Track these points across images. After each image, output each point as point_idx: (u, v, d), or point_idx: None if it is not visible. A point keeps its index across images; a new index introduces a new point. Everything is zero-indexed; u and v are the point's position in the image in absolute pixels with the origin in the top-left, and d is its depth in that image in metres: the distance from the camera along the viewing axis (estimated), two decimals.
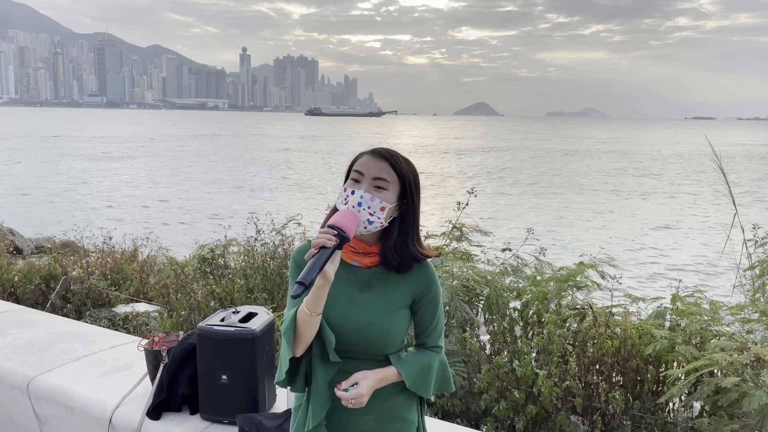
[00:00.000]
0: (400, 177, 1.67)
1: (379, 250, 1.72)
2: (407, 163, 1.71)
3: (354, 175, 1.67)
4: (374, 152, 1.68)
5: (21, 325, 4.17)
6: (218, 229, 5.86)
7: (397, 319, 1.72)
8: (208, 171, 34.88)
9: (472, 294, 4.09)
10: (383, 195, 1.65)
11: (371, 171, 1.65)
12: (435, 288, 1.77)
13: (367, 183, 1.64)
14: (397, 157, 1.69)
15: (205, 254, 5.44)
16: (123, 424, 2.92)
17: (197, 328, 2.83)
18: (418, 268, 1.75)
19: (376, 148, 1.70)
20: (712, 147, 4.62)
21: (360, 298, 1.71)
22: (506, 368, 3.56)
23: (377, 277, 1.73)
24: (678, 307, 3.61)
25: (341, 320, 1.68)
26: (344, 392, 1.62)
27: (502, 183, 30.86)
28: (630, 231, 18.52)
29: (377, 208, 1.63)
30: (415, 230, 1.74)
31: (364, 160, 1.67)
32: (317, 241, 1.52)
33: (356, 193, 1.63)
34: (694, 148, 60.50)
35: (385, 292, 1.73)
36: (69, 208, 21.08)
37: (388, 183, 1.65)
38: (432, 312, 1.78)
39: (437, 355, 1.81)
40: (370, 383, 1.65)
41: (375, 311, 1.70)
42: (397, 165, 1.67)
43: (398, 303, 1.73)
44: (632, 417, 3.34)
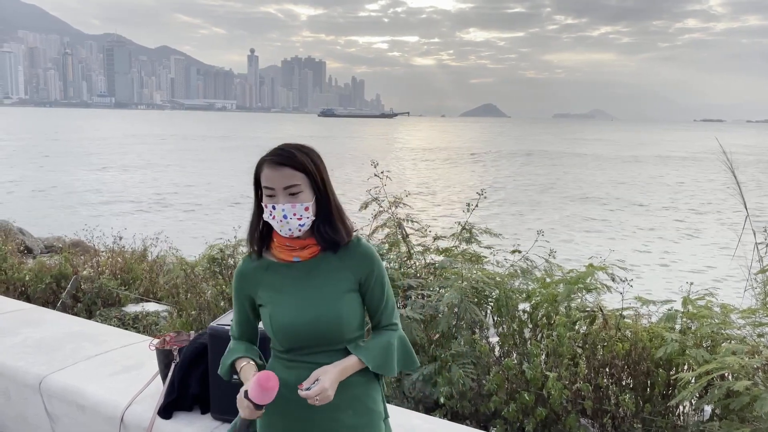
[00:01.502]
0: (305, 173, 1.71)
1: (314, 239, 1.77)
2: (307, 154, 1.73)
3: (266, 191, 1.71)
4: (272, 162, 1.70)
5: (32, 324, 4.19)
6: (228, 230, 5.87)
7: (346, 303, 1.75)
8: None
9: (481, 296, 4.09)
10: (301, 197, 1.69)
11: (278, 182, 1.68)
12: (377, 264, 1.81)
13: (281, 195, 1.69)
14: (296, 157, 1.70)
15: (215, 254, 5.46)
16: (134, 423, 2.93)
17: (208, 328, 2.84)
18: (354, 248, 1.80)
19: (273, 154, 1.71)
20: (723, 149, 4.60)
21: (305, 292, 1.75)
22: (516, 370, 3.56)
23: (318, 266, 1.78)
24: (689, 310, 3.60)
25: (292, 318, 1.72)
26: (307, 391, 1.64)
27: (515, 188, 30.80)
28: (640, 233, 18.44)
29: (302, 211, 1.69)
30: (336, 211, 1.78)
31: (267, 173, 1.70)
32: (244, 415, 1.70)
33: (277, 207, 1.68)
34: (704, 151, 60.17)
35: (328, 279, 1.76)
36: (78, 207, 21.20)
37: (299, 185, 1.70)
38: (379, 289, 1.81)
39: (395, 332, 1.84)
40: (331, 376, 1.68)
41: (323, 300, 1.74)
42: (298, 165, 1.70)
43: (344, 287, 1.77)
44: (642, 420, 3.33)
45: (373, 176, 4.78)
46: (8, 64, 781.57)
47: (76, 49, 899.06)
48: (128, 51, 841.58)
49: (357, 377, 1.78)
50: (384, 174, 4.76)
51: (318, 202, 1.74)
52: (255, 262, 1.82)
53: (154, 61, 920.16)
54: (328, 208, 1.76)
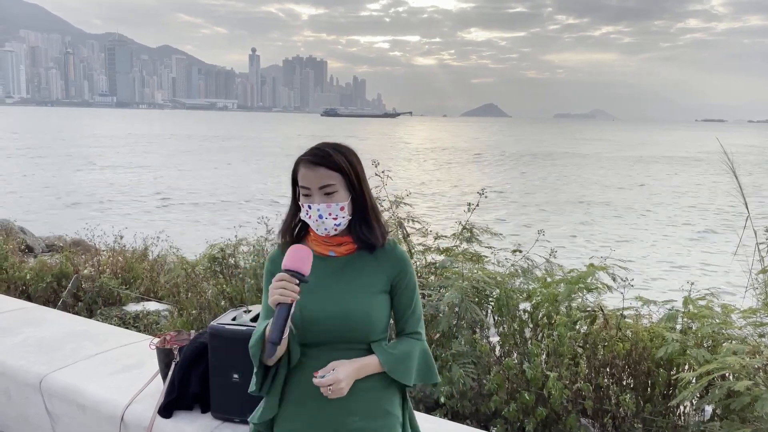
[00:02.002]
0: (341, 172, 1.70)
1: (351, 237, 1.77)
2: (343, 154, 1.72)
3: (303, 190, 1.72)
4: (309, 161, 1.70)
5: (33, 323, 4.20)
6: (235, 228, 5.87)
7: (376, 303, 1.75)
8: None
9: (482, 295, 4.09)
10: (336, 197, 1.70)
11: (314, 182, 1.69)
12: (410, 270, 1.82)
13: (317, 194, 1.69)
14: (332, 157, 1.70)
15: (215, 254, 5.45)
16: (135, 422, 2.93)
17: (209, 327, 2.84)
18: (391, 251, 1.80)
19: (309, 154, 1.72)
20: (724, 149, 4.59)
21: (338, 286, 1.74)
22: (516, 370, 3.55)
23: (353, 263, 1.78)
24: (690, 310, 3.59)
25: (321, 310, 1.71)
26: (321, 379, 1.63)
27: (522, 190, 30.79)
28: (641, 233, 18.43)
29: (337, 211, 1.70)
30: (372, 213, 1.78)
31: (303, 172, 1.71)
32: (274, 297, 1.56)
33: (312, 207, 1.69)
34: (706, 151, 60.10)
35: (361, 278, 1.76)
36: (78, 207, 21.22)
37: (335, 185, 1.70)
38: (409, 294, 1.81)
39: (418, 342, 1.83)
40: (347, 369, 1.67)
41: (353, 297, 1.73)
42: (334, 165, 1.70)
43: (376, 287, 1.77)
44: (643, 420, 3.33)
45: (373, 175, 4.78)
46: (10, 64, 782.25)
47: (78, 49, 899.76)
48: (130, 50, 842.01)
49: (376, 382, 1.76)
50: (384, 173, 4.76)
51: (354, 202, 1.74)
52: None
53: (156, 61, 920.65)
54: (365, 209, 1.76)
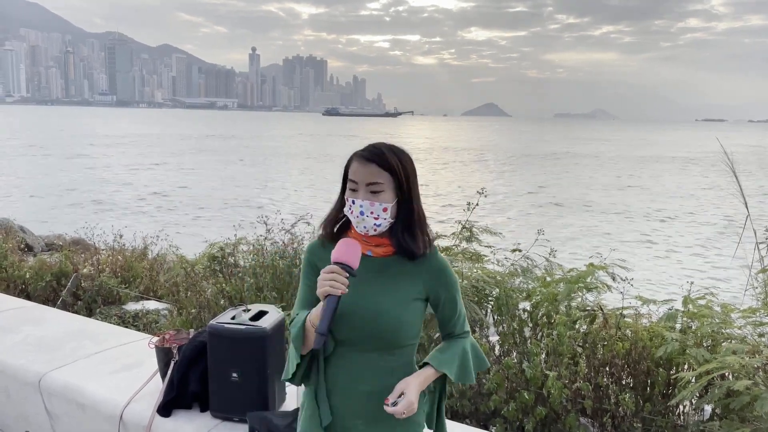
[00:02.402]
0: (392, 174, 1.68)
1: (390, 241, 1.74)
2: (397, 155, 1.70)
3: (350, 184, 1.70)
4: (362, 156, 1.69)
5: (33, 322, 4.19)
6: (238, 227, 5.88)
7: (409, 309, 1.72)
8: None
9: (481, 294, 4.09)
10: (381, 197, 1.67)
11: (363, 177, 1.67)
12: (450, 279, 1.78)
13: (363, 190, 1.67)
14: (385, 156, 1.68)
15: (215, 253, 5.46)
16: (134, 421, 2.93)
17: (208, 326, 2.84)
18: (431, 260, 1.76)
19: (364, 150, 1.71)
20: (724, 149, 4.59)
21: (372, 286, 1.71)
22: (515, 369, 3.55)
23: (390, 266, 1.75)
24: (689, 309, 3.59)
25: (353, 307, 1.68)
26: (394, 407, 1.62)
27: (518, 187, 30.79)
28: (641, 232, 18.43)
29: (380, 211, 1.67)
30: (416, 221, 1.74)
31: (355, 166, 1.69)
32: (323, 289, 1.56)
33: (356, 203, 1.67)
34: (706, 150, 60.10)
35: (397, 281, 1.73)
36: (78, 206, 21.21)
37: (382, 184, 1.67)
38: (452, 303, 1.79)
39: (467, 339, 1.84)
40: (414, 389, 1.66)
41: (387, 299, 1.70)
42: (386, 164, 1.68)
43: (411, 293, 1.74)
44: (642, 419, 3.32)
45: None
46: (10, 62, 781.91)
47: (78, 48, 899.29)
48: (130, 49, 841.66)
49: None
50: None
51: (399, 206, 1.71)
52: (328, 245, 1.77)
53: (156, 60, 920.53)
54: (410, 215, 1.73)
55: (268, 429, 2.61)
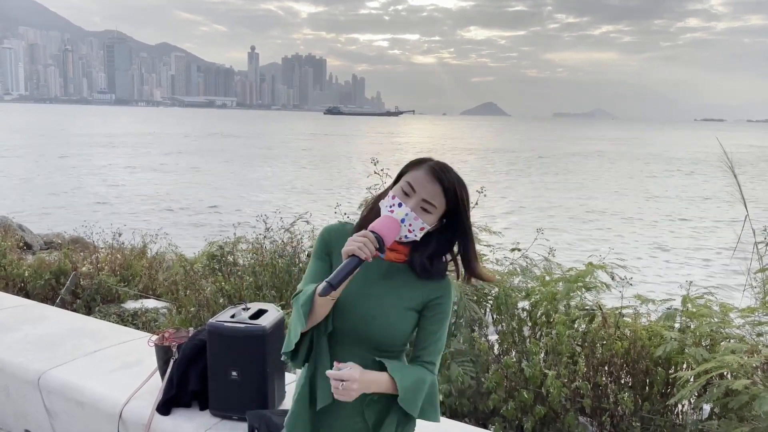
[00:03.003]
0: (449, 203, 1.66)
1: (407, 251, 1.72)
2: (463, 188, 1.68)
3: (405, 187, 1.66)
4: (432, 170, 1.65)
5: (32, 320, 4.19)
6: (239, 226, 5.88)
7: (405, 317, 1.72)
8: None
9: (480, 294, 4.09)
10: (427, 217, 1.65)
11: (423, 191, 1.63)
12: (448, 301, 1.76)
13: (416, 201, 1.63)
14: (453, 183, 1.66)
15: (214, 251, 5.46)
16: (133, 420, 2.93)
17: (207, 325, 2.84)
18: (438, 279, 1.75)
19: (436, 165, 1.67)
20: (723, 149, 4.60)
21: (375, 287, 1.72)
22: (515, 368, 3.56)
23: (397, 272, 1.74)
24: (688, 308, 3.60)
25: (351, 305, 1.68)
26: (337, 371, 1.57)
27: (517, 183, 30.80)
28: (640, 232, 18.45)
29: (417, 228, 1.64)
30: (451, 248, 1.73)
31: (420, 175, 1.65)
32: (351, 247, 1.53)
33: (403, 207, 1.63)
34: (706, 150, 60.15)
35: (400, 289, 1.73)
36: (77, 205, 21.19)
37: (436, 208, 1.65)
38: (438, 324, 1.75)
39: (430, 374, 1.74)
40: (365, 376, 1.61)
41: (386, 304, 1.71)
42: (449, 192, 1.65)
43: (410, 303, 1.73)
44: (641, 419, 3.33)
45: (372, 174, 4.78)
46: (9, 61, 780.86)
47: (77, 46, 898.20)
48: (129, 48, 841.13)
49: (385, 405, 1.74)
50: (383, 172, 4.75)
51: (438, 232, 1.70)
52: (350, 232, 1.75)
53: (155, 58, 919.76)
54: (445, 244, 1.72)
55: (267, 427, 2.61)
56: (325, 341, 1.70)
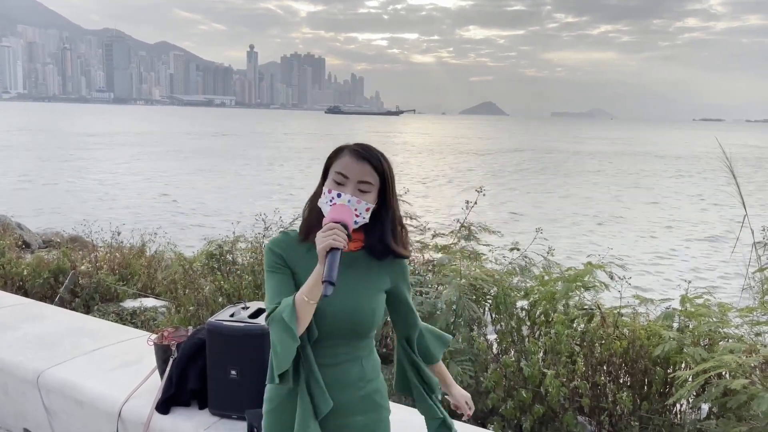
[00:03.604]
0: (381, 177, 1.72)
1: (363, 237, 1.77)
2: (385, 160, 1.74)
3: (337, 177, 1.69)
4: (357, 153, 1.70)
5: (31, 319, 4.19)
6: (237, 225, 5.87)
7: (379, 300, 1.79)
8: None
9: (479, 293, 4.09)
10: (368, 197, 1.70)
11: (355, 174, 1.68)
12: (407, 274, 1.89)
13: (352, 186, 1.68)
14: (378, 158, 1.72)
15: (213, 250, 5.45)
16: (132, 418, 2.93)
17: (207, 323, 2.84)
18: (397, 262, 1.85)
19: (357, 147, 1.72)
20: (723, 149, 4.61)
21: (345, 281, 1.72)
22: (513, 368, 3.56)
23: (359, 260, 1.78)
24: (687, 308, 3.60)
25: (328, 305, 1.69)
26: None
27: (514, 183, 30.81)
28: (639, 232, 18.47)
29: (363, 210, 1.69)
30: (396, 226, 1.79)
31: (347, 161, 1.70)
32: (330, 242, 1.55)
33: (343, 196, 1.67)
34: (704, 150, 60.20)
35: (367, 275, 1.79)
36: (75, 204, 21.17)
37: (371, 185, 1.70)
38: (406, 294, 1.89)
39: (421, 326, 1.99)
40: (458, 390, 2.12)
41: (360, 293, 1.75)
42: (378, 166, 1.71)
43: (379, 286, 1.80)
44: (640, 418, 3.34)
45: None
46: (7, 59, 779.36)
47: (75, 44, 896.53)
48: (127, 46, 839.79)
49: (374, 376, 1.83)
50: None
51: (378, 210, 1.74)
52: (293, 240, 1.78)
53: (153, 57, 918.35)
54: (387, 221, 1.77)
55: None
56: (310, 349, 1.72)
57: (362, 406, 1.80)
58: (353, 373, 1.78)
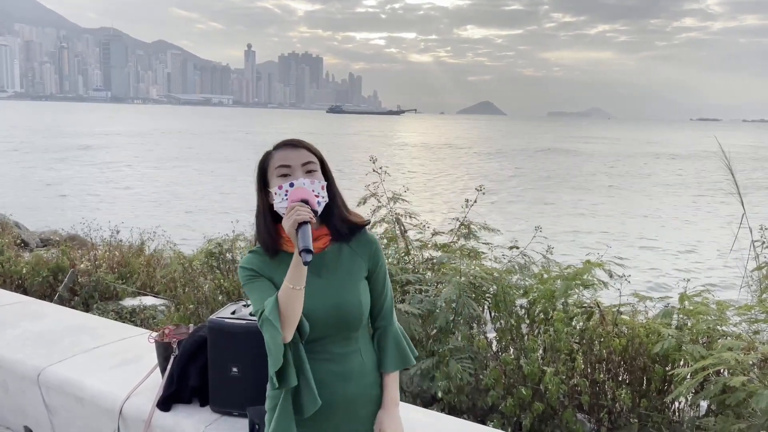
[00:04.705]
0: (318, 157, 1.77)
1: (326, 229, 1.79)
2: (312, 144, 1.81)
3: (280, 171, 1.71)
4: (288, 144, 1.76)
5: (31, 317, 4.19)
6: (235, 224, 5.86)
7: (362, 290, 1.81)
8: None
9: (479, 291, 4.10)
10: (317, 176, 1.73)
11: (297, 160, 1.72)
12: (380, 252, 1.87)
13: (299, 170, 1.71)
14: (307, 143, 1.78)
15: (213, 249, 5.45)
16: (133, 416, 2.93)
17: (208, 321, 2.85)
18: (364, 237, 1.85)
19: (283, 141, 1.78)
20: (721, 147, 4.62)
21: (323, 281, 1.75)
22: (513, 365, 3.57)
23: (331, 256, 1.80)
24: (686, 306, 3.62)
25: (314, 307, 1.71)
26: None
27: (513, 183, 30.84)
28: (638, 231, 18.49)
29: (319, 189, 1.71)
30: (343, 200, 1.84)
31: (283, 154, 1.74)
32: (297, 217, 1.57)
33: (296, 183, 1.67)
34: (701, 149, 60.30)
35: (344, 269, 1.80)
36: (74, 203, 21.14)
37: (314, 163, 1.74)
38: (383, 277, 1.87)
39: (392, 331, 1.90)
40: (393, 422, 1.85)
41: (342, 289, 1.77)
42: (311, 148, 1.77)
43: (358, 275, 1.81)
44: (639, 415, 3.35)
45: (371, 172, 4.78)
46: (4, 58, 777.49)
47: (73, 43, 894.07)
48: (125, 45, 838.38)
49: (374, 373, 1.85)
50: (382, 169, 4.77)
51: (328, 189, 1.76)
52: (263, 257, 1.77)
53: (151, 56, 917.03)
54: (337, 198, 1.81)
55: None
56: (302, 350, 1.72)
57: (366, 397, 1.82)
58: (354, 366, 1.80)
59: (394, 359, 1.87)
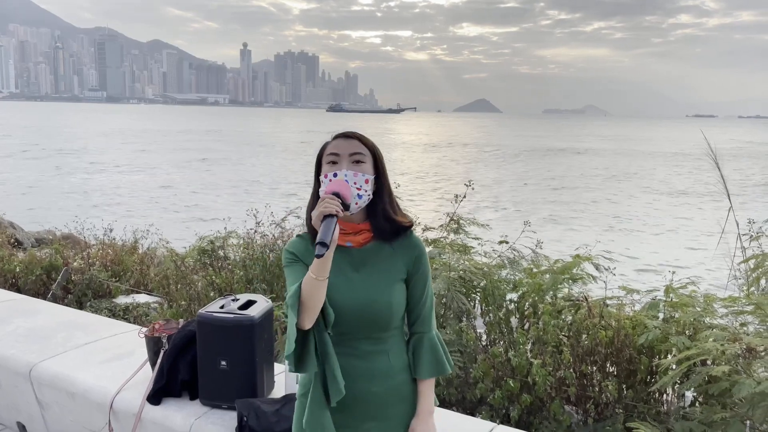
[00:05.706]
0: (371, 151, 1.77)
1: (369, 225, 1.78)
2: (370, 139, 1.80)
3: (330, 158, 1.74)
4: (342, 135, 1.77)
5: (24, 314, 4.21)
6: None
7: (396, 292, 1.77)
8: None
9: (469, 285, 4.14)
10: (363, 168, 1.73)
11: (346, 149, 1.73)
12: (425, 258, 1.84)
13: (346, 161, 1.72)
14: (363, 135, 1.78)
15: (205, 246, 5.48)
16: (124, 410, 2.96)
17: (197, 315, 2.87)
18: (406, 238, 1.82)
19: (339, 133, 1.78)
20: (708, 143, 4.66)
21: (358, 276, 1.75)
22: (502, 358, 3.61)
23: (371, 253, 1.79)
24: (672, 299, 3.65)
25: (344, 301, 1.71)
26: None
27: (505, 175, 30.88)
28: (625, 224, 18.56)
29: (362, 182, 1.71)
30: (393, 198, 1.82)
31: (335, 143, 1.75)
32: (322, 209, 1.57)
33: (339, 174, 1.69)
34: (694, 146, 60.41)
35: (381, 267, 1.78)
36: (71, 202, 21.11)
37: (364, 156, 1.74)
38: (422, 282, 1.83)
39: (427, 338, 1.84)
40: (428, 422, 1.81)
41: (375, 287, 1.75)
42: (366, 141, 1.77)
43: (395, 276, 1.79)
44: (625, 406, 3.39)
45: None
46: None
47: (68, 43, 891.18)
48: (120, 45, 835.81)
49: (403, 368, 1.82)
50: None
51: (376, 185, 1.77)
52: (307, 242, 1.78)
53: (146, 55, 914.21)
54: (385, 195, 1.79)
55: (256, 415, 2.65)
56: (328, 339, 1.70)
57: (391, 398, 1.80)
58: (380, 366, 1.77)
59: (428, 366, 1.82)
